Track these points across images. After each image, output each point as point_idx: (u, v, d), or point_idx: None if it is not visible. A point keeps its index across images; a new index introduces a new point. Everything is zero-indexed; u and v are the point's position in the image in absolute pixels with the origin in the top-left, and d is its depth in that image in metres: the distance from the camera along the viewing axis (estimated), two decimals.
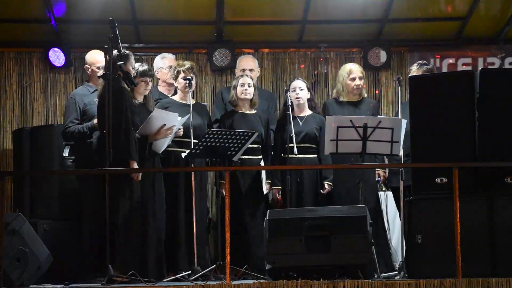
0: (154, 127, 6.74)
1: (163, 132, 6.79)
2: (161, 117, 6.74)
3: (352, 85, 7.65)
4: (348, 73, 7.67)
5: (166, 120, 6.75)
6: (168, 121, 6.76)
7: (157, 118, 6.72)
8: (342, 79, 7.69)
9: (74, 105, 7.02)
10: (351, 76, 7.65)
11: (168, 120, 6.76)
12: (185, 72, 7.24)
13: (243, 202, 7.24)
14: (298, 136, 7.32)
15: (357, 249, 6.06)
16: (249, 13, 8.90)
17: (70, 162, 7.50)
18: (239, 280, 6.40)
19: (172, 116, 6.80)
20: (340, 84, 7.71)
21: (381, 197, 7.62)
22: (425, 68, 7.55)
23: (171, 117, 6.79)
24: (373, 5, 8.71)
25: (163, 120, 6.74)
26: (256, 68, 8.06)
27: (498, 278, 5.82)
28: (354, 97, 7.70)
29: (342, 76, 7.70)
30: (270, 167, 7.49)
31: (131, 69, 6.64)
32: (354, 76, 7.66)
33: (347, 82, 7.66)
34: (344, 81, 7.67)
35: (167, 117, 6.77)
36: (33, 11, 8.64)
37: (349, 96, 7.68)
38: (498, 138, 6.29)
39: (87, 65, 7.25)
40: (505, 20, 9.00)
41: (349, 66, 7.78)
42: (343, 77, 7.68)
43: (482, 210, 6.21)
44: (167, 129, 6.78)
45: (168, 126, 6.77)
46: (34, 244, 6.54)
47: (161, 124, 6.75)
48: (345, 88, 7.67)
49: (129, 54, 6.66)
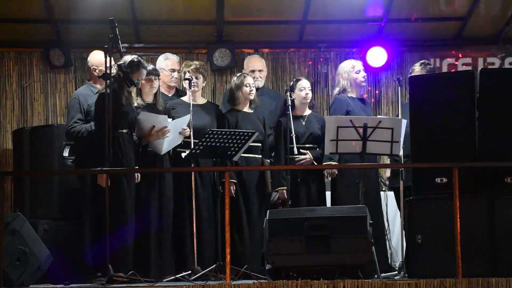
0: (143, 129, 6.76)
1: (154, 134, 6.79)
2: (148, 120, 6.75)
3: (360, 78, 7.60)
4: (352, 67, 7.62)
5: (155, 122, 6.76)
6: (157, 123, 6.77)
7: (144, 120, 6.74)
8: (347, 75, 7.60)
9: (78, 105, 7.00)
10: (356, 69, 7.61)
11: (157, 122, 6.77)
12: (189, 72, 7.24)
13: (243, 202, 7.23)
14: (303, 136, 7.32)
15: (357, 249, 6.05)
16: (249, 13, 8.90)
17: (70, 162, 7.50)
18: (239, 280, 6.39)
19: (161, 118, 6.82)
20: (345, 81, 7.60)
21: (381, 197, 7.61)
22: (428, 68, 7.54)
23: (160, 119, 6.80)
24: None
25: (151, 122, 6.75)
26: (264, 68, 8.07)
27: (498, 278, 5.81)
28: (358, 94, 7.66)
29: (347, 72, 7.60)
30: (270, 167, 7.48)
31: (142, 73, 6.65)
32: (358, 68, 7.61)
33: (353, 76, 7.59)
34: (350, 75, 7.59)
35: (156, 120, 6.78)
36: (33, 11, 8.64)
37: (355, 92, 7.62)
38: (498, 138, 6.28)
39: (94, 66, 7.20)
40: (505, 20, 9.00)
41: (349, 61, 7.73)
42: (347, 73, 7.59)
43: (482, 210, 6.21)
44: (158, 131, 6.78)
45: (158, 127, 6.77)
46: (34, 244, 6.54)
47: (150, 126, 6.75)
48: (353, 82, 7.60)
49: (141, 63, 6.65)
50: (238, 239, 7.05)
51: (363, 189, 6.95)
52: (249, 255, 7.07)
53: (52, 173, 7.64)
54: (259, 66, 7.99)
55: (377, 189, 7.48)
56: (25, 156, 7.81)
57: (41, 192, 7.57)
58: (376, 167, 7.47)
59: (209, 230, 7.07)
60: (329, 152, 6.94)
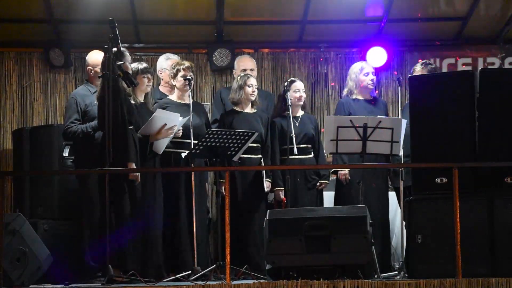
0: (155, 127, 6.76)
1: (163, 132, 6.80)
2: (163, 117, 6.76)
3: (367, 80, 7.59)
4: (361, 69, 7.61)
5: (168, 120, 6.77)
6: (169, 121, 6.78)
7: (160, 118, 6.74)
8: (354, 76, 7.60)
9: (75, 106, 6.99)
10: (365, 72, 7.61)
11: (170, 120, 6.78)
12: (185, 71, 7.21)
13: (243, 202, 7.23)
14: (297, 137, 7.32)
15: (357, 249, 6.05)
16: (249, 13, 8.90)
17: (70, 162, 7.50)
18: (239, 280, 6.39)
19: (173, 116, 6.82)
20: (352, 82, 7.61)
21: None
22: (430, 68, 7.53)
23: (173, 117, 6.81)
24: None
25: (164, 120, 6.76)
26: (255, 67, 8.07)
27: (498, 278, 5.81)
28: (366, 95, 7.66)
29: (355, 73, 7.61)
30: (270, 167, 7.48)
31: (128, 65, 6.62)
32: (367, 71, 7.61)
33: (360, 78, 7.58)
34: (358, 77, 7.59)
35: (169, 117, 6.79)
36: (33, 11, 8.64)
37: (362, 94, 7.63)
38: (498, 138, 6.29)
39: (89, 66, 7.20)
40: (505, 20, 9.00)
41: (360, 63, 7.74)
42: (355, 74, 7.60)
43: (482, 210, 6.21)
44: (168, 129, 6.80)
45: (169, 126, 6.79)
46: (34, 244, 6.54)
47: (162, 124, 6.76)
48: (358, 85, 7.59)
49: (124, 51, 6.60)
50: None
51: (363, 189, 6.96)
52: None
53: (52, 173, 7.65)
54: (250, 65, 7.99)
55: (385, 189, 7.48)
56: (25, 156, 7.81)
57: (41, 192, 7.58)
58: (376, 167, 7.46)
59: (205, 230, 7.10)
60: (329, 152, 6.94)
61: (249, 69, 7.88)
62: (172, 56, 7.77)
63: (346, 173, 7.30)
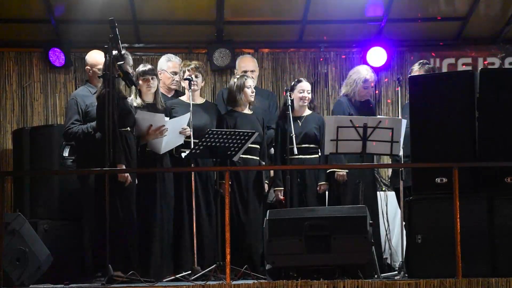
0: (141, 129, 6.78)
1: (152, 133, 6.80)
2: (145, 119, 6.76)
3: (365, 92, 7.54)
4: (364, 81, 7.49)
5: (152, 121, 6.77)
6: (154, 122, 6.77)
7: (141, 120, 6.75)
8: (355, 85, 7.50)
9: (76, 106, 6.99)
10: (367, 85, 7.52)
11: (154, 121, 6.78)
12: (189, 71, 7.23)
13: (243, 202, 7.23)
14: (297, 137, 7.30)
15: (357, 249, 6.06)
16: (249, 13, 8.90)
17: (70, 162, 7.50)
18: (239, 280, 6.39)
19: (157, 117, 6.82)
20: (350, 87, 7.52)
21: (381, 197, 7.62)
22: (427, 68, 7.52)
23: (157, 118, 6.81)
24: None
25: (148, 121, 6.76)
26: (256, 68, 8.06)
27: (498, 278, 5.82)
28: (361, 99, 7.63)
29: (356, 82, 7.50)
30: (270, 167, 7.48)
31: (129, 67, 6.62)
32: (369, 85, 7.53)
33: (360, 89, 7.52)
34: (358, 87, 7.49)
35: (153, 118, 6.79)
36: (33, 11, 8.64)
37: (359, 98, 7.59)
38: (498, 138, 6.28)
39: (88, 66, 7.21)
40: (505, 20, 9.01)
41: (365, 73, 7.53)
42: (356, 83, 7.50)
43: (482, 210, 6.21)
44: (156, 130, 6.79)
45: (156, 126, 6.78)
46: (34, 244, 6.54)
47: (147, 125, 6.77)
48: (357, 94, 7.51)
49: (126, 53, 6.61)
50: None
51: (363, 189, 6.96)
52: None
53: (52, 173, 7.64)
54: (252, 66, 7.97)
55: (373, 190, 7.48)
56: (25, 156, 7.81)
57: (41, 192, 7.58)
58: (376, 167, 7.46)
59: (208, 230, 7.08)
60: (329, 152, 6.94)
61: (250, 71, 7.87)
62: (173, 58, 7.76)
63: (344, 174, 7.29)
